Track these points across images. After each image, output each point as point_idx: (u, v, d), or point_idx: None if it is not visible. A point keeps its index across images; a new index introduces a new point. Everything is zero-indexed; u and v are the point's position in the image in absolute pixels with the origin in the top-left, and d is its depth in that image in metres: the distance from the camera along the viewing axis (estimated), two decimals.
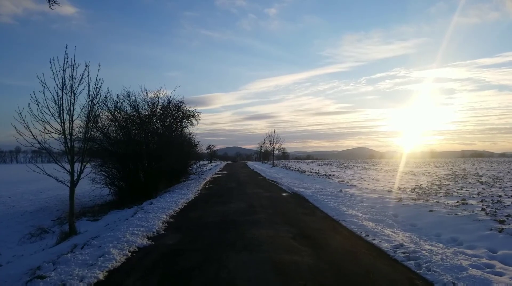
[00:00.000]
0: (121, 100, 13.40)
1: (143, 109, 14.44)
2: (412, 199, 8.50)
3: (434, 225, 6.28)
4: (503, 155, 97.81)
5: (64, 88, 7.37)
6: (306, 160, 70.73)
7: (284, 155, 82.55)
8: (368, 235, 5.44)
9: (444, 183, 12.82)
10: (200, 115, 19.26)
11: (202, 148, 52.20)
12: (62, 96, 7.34)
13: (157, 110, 15.27)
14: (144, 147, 14.47)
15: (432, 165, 31.24)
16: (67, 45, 7.49)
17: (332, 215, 7.24)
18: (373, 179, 15.75)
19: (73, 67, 7.50)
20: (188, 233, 5.69)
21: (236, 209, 8.08)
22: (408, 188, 11.19)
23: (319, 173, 20.58)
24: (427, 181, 13.77)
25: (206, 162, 54.53)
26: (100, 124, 13.01)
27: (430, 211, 7.08)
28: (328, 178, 16.56)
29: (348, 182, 13.67)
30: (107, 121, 13.44)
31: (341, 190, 11.01)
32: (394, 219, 6.85)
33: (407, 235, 5.61)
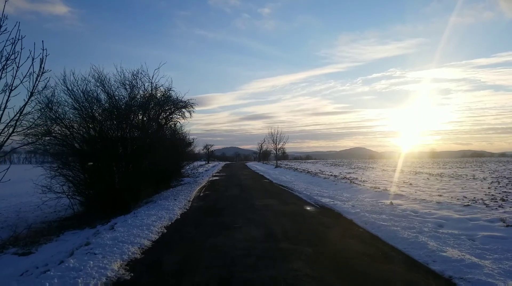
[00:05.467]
0: (86, 81, 10.08)
1: (117, 93, 11.09)
2: None
3: None
4: (503, 155, 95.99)
5: None
6: (308, 160, 67.59)
7: (284, 155, 79.49)
8: None
9: None
10: (194, 106, 15.89)
11: (199, 148, 48.99)
12: None
13: (138, 97, 11.93)
14: (119, 144, 11.20)
15: (454, 166, 28.14)
16: None
17: (425, 261, 3.97)
18: (410, 184, 12.53)
19: None
20: None
21: (247, 243, 4.78)
22: (481, 198, 7.99)
23: (335, 175, 17.34)
24: (488, 188, 10.57)
25: (203, 162, 51.30)
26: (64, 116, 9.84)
27: None
28: (352, 182, 13.33)
29: (386, 190, 10.43)
30: (72, 111, 10.23)
31: (391, 203, 7.76)
32: None
33: None
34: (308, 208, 7.96)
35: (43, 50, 4.63)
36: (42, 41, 4.58)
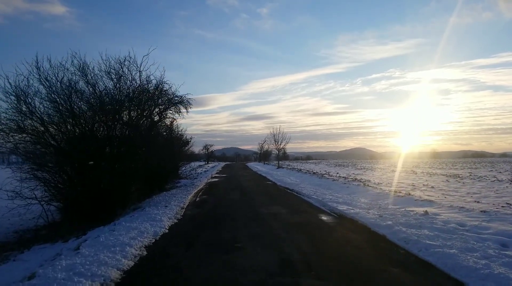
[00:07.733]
0: (64, 69, 8.72)
1: (102, 84, 9.72)
2: None
3: None
4: (504, 155, 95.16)
5: None
6: (309, 161, 66.35)
7: (285, 156, 78.22)
8: None
9: None
10: (190, 101, 14.47)
11: (199, 148, 47.72)
12: None
13: (126, 88, 10.53)
14: (107, 142, 9.89)
15: (465, 167, 26.79)
16: None
17: None
18: (432, 187, 11.19)
19: None
20: None
21: (254, 277, 3.42)
22: None
23: (344, 177, 15.99)
24: None
25: (202, 163, 50.00)
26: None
27: None
28: (366, 185, 11.98)
29: (409, 194, 9.07)
30: (50, 103, 8.92)
31: (426, 212, 6.40)
32: None
33: None
34: (325, 218, 6.61)
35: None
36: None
